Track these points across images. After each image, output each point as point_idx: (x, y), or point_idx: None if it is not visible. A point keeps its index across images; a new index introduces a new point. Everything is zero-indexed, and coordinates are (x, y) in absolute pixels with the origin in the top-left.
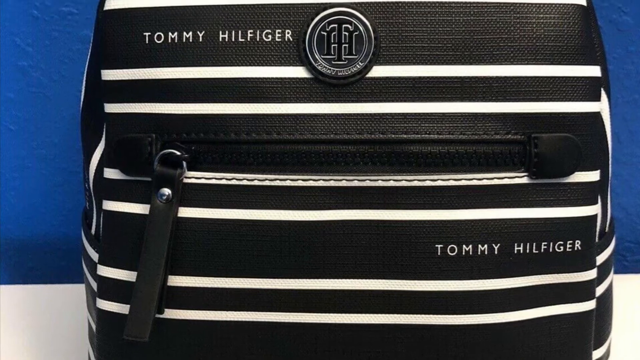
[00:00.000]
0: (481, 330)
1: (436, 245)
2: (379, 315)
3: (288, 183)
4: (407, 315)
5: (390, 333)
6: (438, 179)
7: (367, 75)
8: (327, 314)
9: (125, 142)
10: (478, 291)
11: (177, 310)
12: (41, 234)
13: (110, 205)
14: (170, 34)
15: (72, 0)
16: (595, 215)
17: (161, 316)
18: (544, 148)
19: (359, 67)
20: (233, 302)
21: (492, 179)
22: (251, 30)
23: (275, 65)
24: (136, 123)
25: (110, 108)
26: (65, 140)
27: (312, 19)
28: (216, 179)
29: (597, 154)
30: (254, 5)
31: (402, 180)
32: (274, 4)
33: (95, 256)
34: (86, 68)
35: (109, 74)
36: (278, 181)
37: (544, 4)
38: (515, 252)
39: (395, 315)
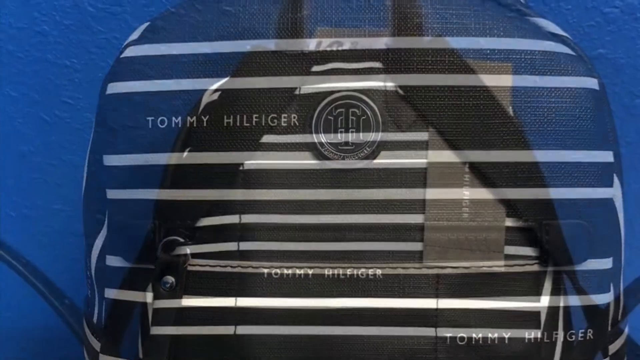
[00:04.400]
0: None
1: (445, 335)
2: None
3: (294, 271)
4: None
5: None
6: (447, 267)
7: (375, 161)
8: None
9: (127, 229)
10: None
11: None
12: (42, 323)
13: (113, 294)
14: (174, 118)
15: (73, 84)
16: (608, 304)
17: None
18: (554, 235)
19: (366, 152)
20: None
21: (501, 266)
22: (256, 115)
23: (281, 151)
24: (139, 209)
25: (113, 194)
26: (66, 227)
27: (319, 103)
28: (220, 266)
29: (610, 241)
30: (259, 89)
31: (410, 267)
32: (279, 89)
33: (97, 345)
34: (88, 153)
35: (111, 159)
36: (284, 269)
37: (555, 88)
38: (527, 341)
39: None
